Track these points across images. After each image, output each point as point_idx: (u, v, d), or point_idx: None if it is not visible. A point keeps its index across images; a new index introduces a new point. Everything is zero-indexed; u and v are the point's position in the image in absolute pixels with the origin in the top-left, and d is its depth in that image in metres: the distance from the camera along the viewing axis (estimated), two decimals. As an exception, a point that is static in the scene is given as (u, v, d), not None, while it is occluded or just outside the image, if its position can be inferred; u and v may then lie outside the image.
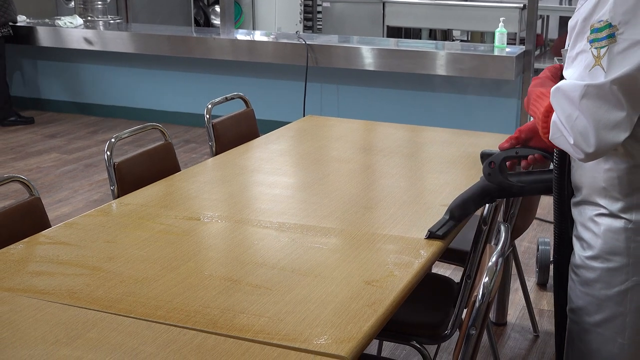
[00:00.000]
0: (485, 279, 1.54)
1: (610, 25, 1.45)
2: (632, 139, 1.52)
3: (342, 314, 1.62)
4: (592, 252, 1.64)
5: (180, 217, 2.20)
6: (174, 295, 1.71)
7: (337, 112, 5.92)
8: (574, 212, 1.71)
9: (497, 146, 1.87)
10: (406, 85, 5.76)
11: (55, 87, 7.07)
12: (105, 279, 1.79)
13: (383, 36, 7.79)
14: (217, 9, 8.52)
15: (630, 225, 1.58)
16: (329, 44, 5.78)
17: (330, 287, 1.75)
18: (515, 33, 7.33)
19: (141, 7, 8.31)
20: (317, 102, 6.02)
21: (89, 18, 7.01)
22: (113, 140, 2.60)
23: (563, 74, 1.57)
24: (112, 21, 7.09)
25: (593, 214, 1.64)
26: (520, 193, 1.90)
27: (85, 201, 4.75)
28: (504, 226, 1.79)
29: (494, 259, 1.60)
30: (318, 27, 8.83)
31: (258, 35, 6.51)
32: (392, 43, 6.21)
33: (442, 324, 2.21)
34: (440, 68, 5.42)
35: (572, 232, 1.72)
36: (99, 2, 7.08)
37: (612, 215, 1.60)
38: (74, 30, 6.56)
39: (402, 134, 3.27)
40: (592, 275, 1.65)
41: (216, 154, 3.02)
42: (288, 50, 5.82)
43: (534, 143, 1.80)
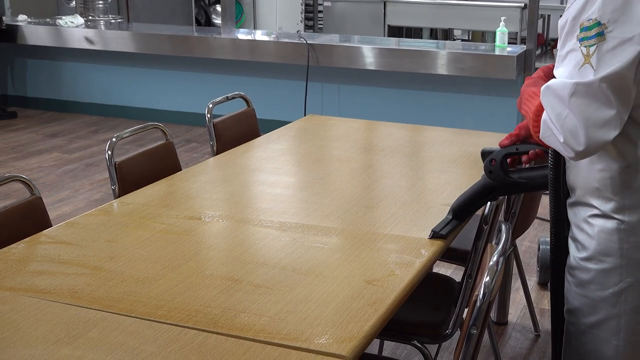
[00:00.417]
0: (486, 279, 1.54)
1: (599, 23, 1.45)
2: (623, 138, 1.52)
3: (343, 314, 1.62)
4: (586, 254, 1.64)
5: (181, 216, 2.20)
6: (174, 294, 1.71)
7: (338, 112, 5.92)
8: (569, 213, 1.71)
9: (497, 144, 1.87)
10: (407, 84, 5.76)
11: (56, 87, 7.07)
12: (106, 278, 1.79)
13: (384, 35, 7.79)
14: (218, 8, 8.53)
15: (623, 226, 1.58)
16: (330, 43, 5.78)
17: (331, 287, 1.75)
18: (516, 32, 7.33)
19: (142, 6, 8.32)
20: (318, 102, 6.02)
21: (90, 17, 7.01)
22: (114, 139, 2.60)
23: (554, 73, 1.57)
24: (113, 21, 7.09)
25: (587, 215, 1.63)
26: (523, 189, 1.90)
27: (86, 200, 4.75)
28: (505, 225, 1.79)
29: (495, 258, 1.59)
30: (319, 26, 8.83)
31: (259, 35, 6.51)
32: (393, 42, 6.21)
33: (443, 324, 2.21)
34: (441, 67, 5.42)
35: (568, 233, 1.72)
36: (100, 2, 7.08)
37: (605, 216, 1.60)
38: (75, 29, 6.56)
39: (403, 134, 3.27)
40: (586, 276, 1.65)
41: (217, 153, 3.02)
42: (289, 49, 5.82)
43: (534, 139, 1.80)
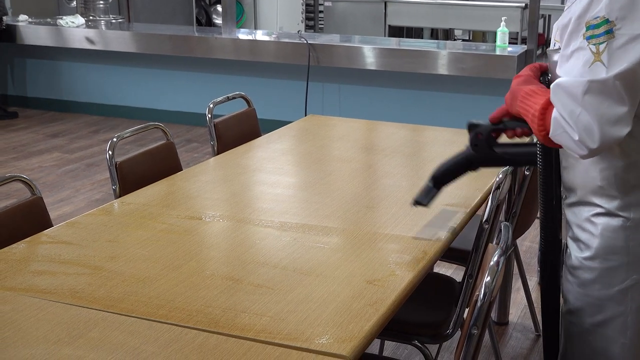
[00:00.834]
0: (487, 279, 1.54)
1: (607, 21, 1.45)
2: (627, 136, 1.52)
3: (343, 314, 1.62)
4: (589, 253, 1.64)
5: (182, 216, 2.20)
6: (175, 294, 1.71)
7: (338, 112, 5.92)
8: (568, 214, 1.71)
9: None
10: (408, 84, 5.76)
11: (56, 87, 7.08)
12: (107, 278, 1.79)
13: (385, 35, 7.79)
14: (219, 8, 8.53)
15: (629, 224, 1.58)
16: (331, 43, 5.78)
17: (332, 287, 1.75)
18: (517, 32, 7.33)
19: (143, 6, 8.32)
20: (318, 102, 6.02)
21: (91, 17, 7.02)
22: (115, 139, 2.60)
23: (556, 72, 1.56)
24: (113, 21, 7.10)
25: (589, 214, 1.63)
26: (504, 163, 1.91)
27: (87, 200, 4.75)
28: (506, 225, 1.79)
29: (495, 258, 1.59)
30: (320, 26, 8.83)
31: (260, 35, 6.51)
32: (393, 42, 6.21)
33: (443, 324, 2.21)
34: (442, 67, 5.42)
35: (560, 234, 1.72)
36: (101, 2, 7.09)
37: (610, 214, 1.60)
38: (75, 29, 6.56)
39: (404, 134, 3.27)
40: (590, 275, 1.65)
41: (218, 153, 3.02)
42: (290, 49, 5.82)
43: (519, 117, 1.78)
